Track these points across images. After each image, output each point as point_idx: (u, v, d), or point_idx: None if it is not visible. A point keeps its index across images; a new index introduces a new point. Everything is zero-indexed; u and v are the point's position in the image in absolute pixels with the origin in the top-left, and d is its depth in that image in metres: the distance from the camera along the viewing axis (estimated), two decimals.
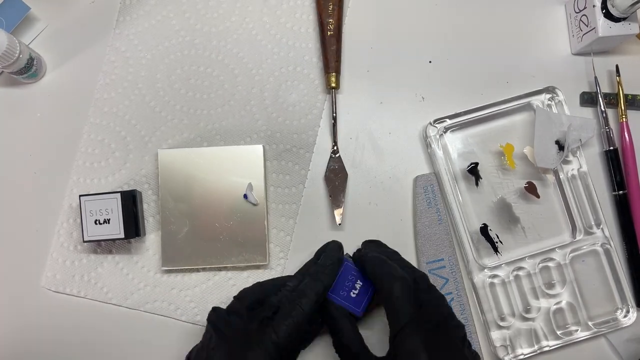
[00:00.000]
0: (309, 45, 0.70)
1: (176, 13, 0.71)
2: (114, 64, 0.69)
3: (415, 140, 0.69)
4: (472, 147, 0.67)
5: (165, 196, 0.64)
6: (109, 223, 0.61)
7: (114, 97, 0.69)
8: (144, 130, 0.68)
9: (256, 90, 0.69)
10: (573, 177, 0.66)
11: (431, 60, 0.70)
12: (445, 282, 0.64)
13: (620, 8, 0.62)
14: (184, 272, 0.65)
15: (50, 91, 0.69)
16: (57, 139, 0.68)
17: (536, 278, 0.64)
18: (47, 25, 0.71)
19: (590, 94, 0.68)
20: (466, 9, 0.71)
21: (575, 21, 0.69)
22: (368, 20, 0.71)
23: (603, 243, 0.65)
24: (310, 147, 0.68)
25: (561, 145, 0.65)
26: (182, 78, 0.69)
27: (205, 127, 0.68)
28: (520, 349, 0.63)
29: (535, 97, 0.67)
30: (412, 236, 0.66)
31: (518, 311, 0.64)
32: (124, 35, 0.70)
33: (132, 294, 0.65)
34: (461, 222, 0.65)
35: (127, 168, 0.67)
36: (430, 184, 0.66)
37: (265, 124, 0.68)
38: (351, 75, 0.70)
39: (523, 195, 0.66)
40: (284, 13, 0.71)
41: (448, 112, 0.67)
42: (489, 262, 0.65)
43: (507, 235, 0.66)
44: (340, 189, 0.66)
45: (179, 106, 0.68)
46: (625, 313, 0.64)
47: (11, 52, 0.61)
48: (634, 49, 0.71)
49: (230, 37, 0.70)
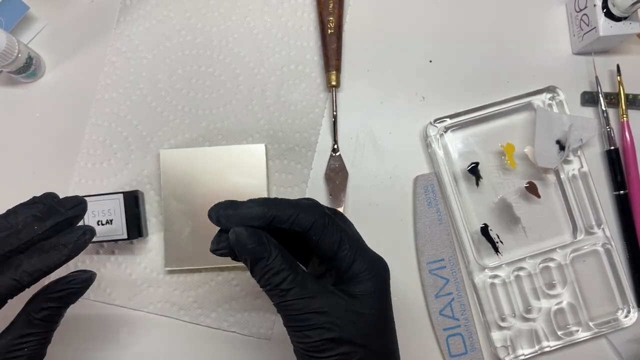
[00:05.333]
0: (310, 43, 0.70)
1: (177, 12, 0.70)
2: (115, 64, 0.69)
3: (416, 140, 0.69)
4: (472, 146, 0.67)
5: (168, 196, 0.64)
6: (111, 224, 0.61)
7: (115, 97, 0.68)
8: (146, 130, 0.68)
9: (258, 89, 0.69)
10: (574, 177, 0.66)
11: (432, 59, 0.70)
12: (446, 283, 0.64)
13: (621, 7, 0.62)
14: (186, 272, 0.65)
15: (49, 91, 0.69)
16: (57, 139, 0.68)
17: (537, 278, 0.65)
18: (46, 25, 0.70)
19: (591, 94, 0.68)
20: (467, 8, 0.71)
21: (576, 21, 0.69)
22: (369, 19, 0.71)
23: (604, 243, 0.65)
24: (313, 146, 0.68)
25: (562, 145, 0.66)
26: (184, 78, 0.69)
27: (207, 127, 0.68)
28: (521, 350, 0.63)
29: (536, 97, 0.67)
30: (412, 236, 0.67)
31: (519, 311, 0.64)
32: (125, 35, 0.70)
33: (135, 295, 0.65)
34: (462, 222, 0.65)
35: (129, 169, 0.67)
36: (431, 183, 0.66)
37: (267, 123, 0.68)
38: (352, 74, 0.70)
39: (524, 195, 0.66)
40: (285, 12, 0.71)
41: (448, 111, 0.67)
42: (490, 262, 0.65)
43: (507, 235, 0.66)
44: (340, 188, 0.66)
45: (180, 106, 0.68)
46: (626, 313, 0.64)
47: (10, 51, 0.61)
48: (634, 49, 0.71)
49: (231, 36, 0.70)
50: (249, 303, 0.65)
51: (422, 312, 0.65)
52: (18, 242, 0.45)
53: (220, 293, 0.65)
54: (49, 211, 0.47)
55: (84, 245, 0.47)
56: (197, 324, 0.65)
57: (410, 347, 0.64)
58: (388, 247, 0.65)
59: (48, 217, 0.47)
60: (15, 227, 0.46)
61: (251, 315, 0.65)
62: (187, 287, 0.65)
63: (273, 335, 0.65)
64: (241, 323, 0.65)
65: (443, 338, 0.64)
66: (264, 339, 0.65)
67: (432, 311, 0.64)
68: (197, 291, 0.65)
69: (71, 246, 0.46)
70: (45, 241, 0.46)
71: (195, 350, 0.65)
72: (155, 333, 0.65)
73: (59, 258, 0.45)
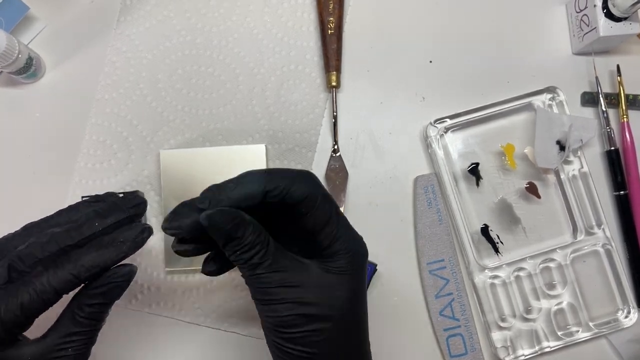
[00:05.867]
0: (310, 44, 0.70)
1: (177, 13, 0.70)
2: (115, 64, 0.69)
3: (416, 140, 0.69)
4: (472, 147, 0.67)
5: (168, 197, 0.64)
6: None
7: (116, 97, 0.68)
8: (146, 130, 0.68)
9: (258, 89, 0.69)
10: (574, 177, 0.66)
11: (432, 60, 0.70)
12: (446, 283, 0.64)
13: (621, 8, 0.62)
14: (187, 272, 0.65)
15: (49, 91, 0.69)
16: (57, 139, 0.68)
17: (537, 279, 0.65)
18: (46, 25, 0.70)
19: (591, 94, 0.68)
20: (467, 8, 0.71)
21: (576, 21, 0.69)
22: (369, 19, 0.71)
23: (604, 243, 0.65)
24: (313, 147, 0.68)
25: (562, 146, 0.65)
26: (184, 78, 0.69)
27: (207, 127, 0.68)
28: (521, 350, 0.63)
29: (536, 97, 0.67)
30: (412, 237, 0.67)
31: (519, 312, 0.64)
32: (125, 35, 0.70)
33: (135, 295, 0.65)
34: (462, 223, 0.65)
35: (129, 169, 0.67)
36: (431, 184, 0.66)
37: (268, 123, 0.68)
38: (352, 74, 0.70)
39: (524, 195, 0.66)
40: (285, 12, 0.71)
41: (449, 112, 0.67)
42: (490, 262, 0.65)
43: (507, 235, 0.66)
44: (340, 188, 0.66)
45: (180, 106, 0.68)
46: (627, 314, 0.64)
47: (10, 51, 0.61)
48: (635, 49, 0.70)
49: (231, 37, 0.70)
50: (249, 303, 0.64)
51: (422, 313, 0.65)
52: (79, 236, 0.44)
53: (220, 293, 0.65)
54: (110, 208, 0.47)
55: (142, 242, 0.46)
56: (197, 324, 0.65)
57: (410, 347, 0.64)
58: (388, 247, 0.66)
59: (109, 214, 0.46)
60: (76, 222, 0.46)
61: (251, 315, 0.65)
62: (187, 287, 0.65)
63: None
64: (241, 323, 0.65)
65: (443, 338, 0.64)
66: (264, 339, 0.64)
67: (432, 311, 0.64)
68: (197, 291, 0.65)
69: (130, 243, 0.45)
70: (104, 237, 0.45)
71: (195, 351, 0.65)
72: (155, 334, 0.65)
73: (118, 254, 0.45)
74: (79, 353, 0.45)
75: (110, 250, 0.44)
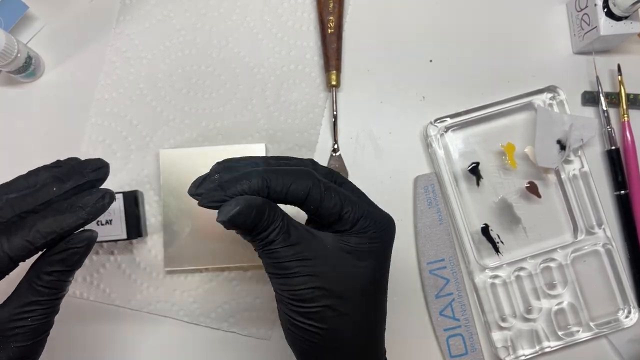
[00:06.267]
0: (310, 43, 0.70)
1: (177, 12, 0.70)
2: (114, 64, 0.69)
3: (416, 140, 0.68)
4: (473, 146, 0.67)
5: (168, 196, 0.63)
6: (111, 224, 0.61)
7: (115, 97, 0.68)
8: (146, 130, 0.68)
9: (257, 89, 0.69)
10: (574, 176, 0.66)
11: (432, 59, 0.70)
12: (446, 283, 0.64)
13: (621, 7, 0.62)
14: (186, 272, 0.65)
15: (48, 91, 0.69)
16: (57, 139, 0.68)
17: (537, 278, 0.64)
18: (45, 24, 0.70)
19: (591, 94, 0.68)
20: (467, 8, 0.71)
21: (576, 20, 0.69)
22: (369, 19, 0.71)
23: (605, 243, 0.65)
24: (313, 146, 0.68)
25: (562, 145, 0.65)
26: (184, 77, 0.69)
27: (207, 127, 0.68)
28: (521, 350, 0.63)
29: (537, 97, 0.67)
30: (412, 236, 0.66)
31: (519, 312, 0.64)
32: (125, 35, 0.70)
33: (135, 295, 0.65)
34: (462, 222, 0.65)
35: (129, 169, 0.67)
36: (431, 183, 0.66)
37: (267, 122, 0.68)
38: (352, 74, 0.69)
39: (524, 195, 0.66)
40: (285, 11, 0.71)
41: (449, 111, 0.67)
42: (490, 262, 0.65)
43: (508, 235, 0.66)
44: None
45: (180, 106, 0.68)
46: (627, 314, 0.64)
47: (9, 51, 0.61)
48: (635, 48, 0.70)
49: (231, 36, 0.70)
50: (249, 303, 0.65)
51: (423, 313, 0.65)
52: (35, 202, 0.42)
53: (220, 293, 0.65)
54: (70, 172, 0.44)
55: (102, 209, 0.43)
56: (196, 324, 0.64)
57: (411, 347, 0.64)
58: None
59: (68, 178, 0.44)
60: (33, 187, 0.44)
61: (251, 315, 0.65)
62: (187, 287, 0.65)
63: (273, 335, 0.64)
64: (241, 323, 0.64)
65: (443, 338, 0.64)
66: (264, 339, 0.64)
67: (432, 311, 0.64)
68: (197, 291, 0.65)
69: (89, 209, 0.42)
70: (62, 202, 0.43)
71: (195, 351, 0.64)
72: (155, 333, 0.65)
73: (75, 220, 0.42)
74: (39, 323, 0.43)
75: (68, 216, 0.42)
